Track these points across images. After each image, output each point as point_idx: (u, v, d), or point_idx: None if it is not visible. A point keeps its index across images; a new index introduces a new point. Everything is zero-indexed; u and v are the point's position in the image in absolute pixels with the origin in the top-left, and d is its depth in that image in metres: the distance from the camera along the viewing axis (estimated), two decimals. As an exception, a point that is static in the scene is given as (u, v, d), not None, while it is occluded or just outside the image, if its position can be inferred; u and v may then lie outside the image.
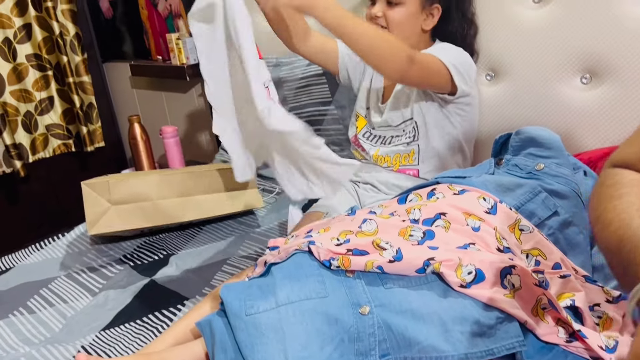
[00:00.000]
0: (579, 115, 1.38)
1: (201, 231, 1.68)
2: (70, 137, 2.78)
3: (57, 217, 2.76)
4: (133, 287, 1.39)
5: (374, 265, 0.95)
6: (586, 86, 1.38)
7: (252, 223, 1.70)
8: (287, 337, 0.86)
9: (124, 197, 1.53)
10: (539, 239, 1.04)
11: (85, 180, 1.55)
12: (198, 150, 2.70)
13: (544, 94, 1.43)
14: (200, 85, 2.50)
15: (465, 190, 1.12)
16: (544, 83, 1.43)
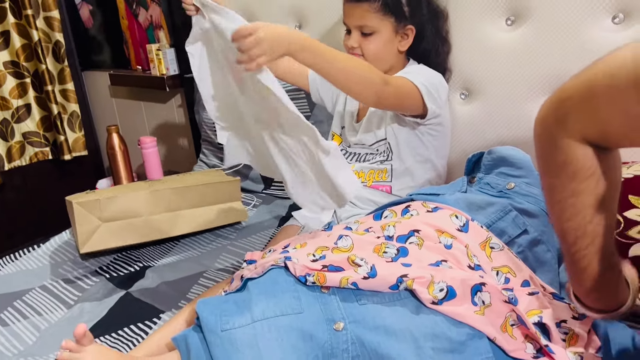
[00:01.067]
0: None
1: (178, 243, 1.68)
2: (47, 145, 2.76)
3: (33, 226, 2.73)
4: (108, 300, 1.38)
5: (349, 281, 0.97)
6: (556, 107, 1.42)
7: (230, 235, 1.71)
8: (262, 353, 0.87)
9: (114, 214, 1.54)
10: (509, 257, 1.07)
11: (66, 192, 1.55)
12: (177, 161, 2.70)
13: (516, 114, 1.47)
14: (180, 96, 2.51)
15: (439, 208, 1.15)
16: (515, 103, 1.47)
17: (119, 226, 1.55)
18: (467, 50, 1.54)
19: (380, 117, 1.49)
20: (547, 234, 1.13)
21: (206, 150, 2.22)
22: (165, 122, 2.65)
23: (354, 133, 1.57)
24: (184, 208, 1.66)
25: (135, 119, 2.79)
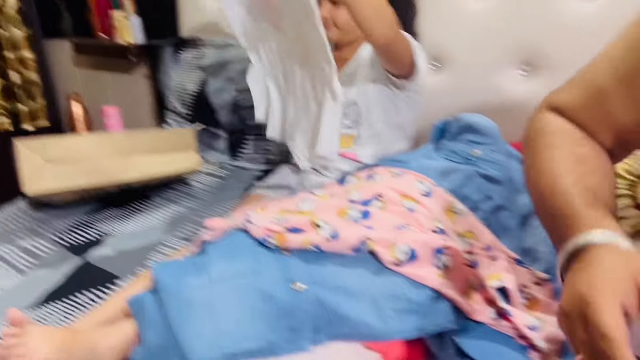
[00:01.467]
0: (517, 105, 1.42)
1: (139, 212, 1.64)
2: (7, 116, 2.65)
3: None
4: (65, 267, 1.34)
5: (311, 243, 0.95)
6: (524, 77, 1.42)
7: (193, 206, 1.67)
8: (219, 313, 0.85)
9: (61, 155, 1.48)
10: (472, 222, 1.06)
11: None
12: (141, 133, 2.63)
13: (484, 84, 1.47)
14: (146, 66, 2.44)
15: (403, 173, 1.13)
16: (485, 73, 1.46)
17: (67, 168, 1.49)
18: (439, 20, 1.52)
19: (351, 76, 1.46)
20: (511, 200, 1.13)
21: (171, 121, 2.17)
22: (130, 94, 2.58)
23: None
24: (135, 154, 1.60)
25: (99, 90, 2.71)
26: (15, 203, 1.71)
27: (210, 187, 1.80)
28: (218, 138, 2.02)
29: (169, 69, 2.11)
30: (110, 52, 2.45)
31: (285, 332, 0.85)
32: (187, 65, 2.04)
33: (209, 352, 0.81)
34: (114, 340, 0.94)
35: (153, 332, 0.87)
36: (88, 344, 0.92)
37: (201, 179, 1.87)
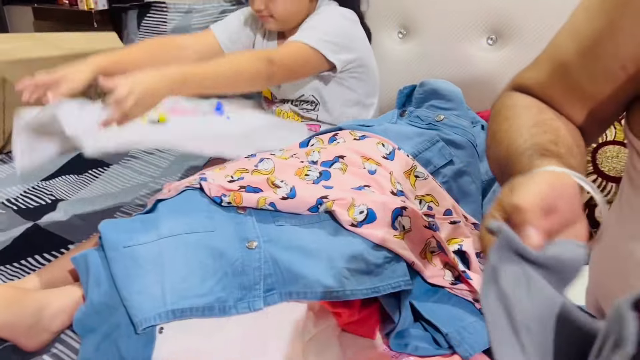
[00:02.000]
0: (484, 74, 1.41)
1: (96, 179, 1.58)
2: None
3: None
4: (14, 230, 1.28)
5: (267, 201, 0.92)
6: (491, 47, 1.41)
7: (153, 174, 1.62)
8: (166, 269, 0.82)
9: None
10: (432, 186, 1.05)
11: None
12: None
13: (452, 53, 1.45)
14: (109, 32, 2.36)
15: (366, 136, 1.11)
16: (452, 42, 1.44)
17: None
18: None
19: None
20: (472, 165, 1.12)
21: (134, 89, 2.10)
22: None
23: (276, 88, 1.49)
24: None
25: (61, 58, 2.62)
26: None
27: (174, 156, 1.74)
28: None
29: (132, 34, 2.04)
30: (72, 18, 2.36)
31: (236, 290, 0.82)
32: (151, 31, 1.97)
33: (154, 308, 0.77)
34: (62, 302, 0.90)
35: (97, 290, 0.83)
36: (36, 304, 0.87)
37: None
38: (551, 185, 0.47)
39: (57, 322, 0.90)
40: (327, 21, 1.32)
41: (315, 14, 1.35)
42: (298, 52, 1.25)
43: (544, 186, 0.47)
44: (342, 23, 1.34)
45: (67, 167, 1.65)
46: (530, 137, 0.60)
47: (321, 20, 1.33)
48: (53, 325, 0.89)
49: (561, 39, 0.67)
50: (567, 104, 0.66)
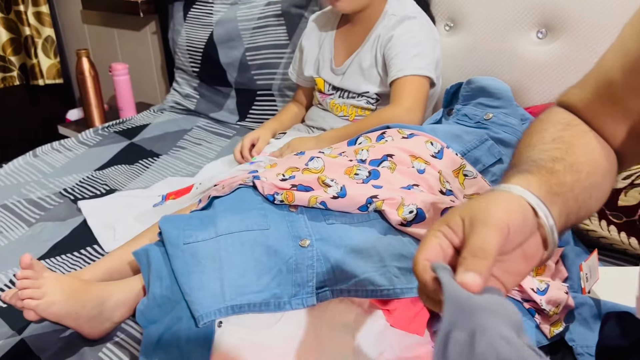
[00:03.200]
0: (533, 69, 1.39)
1: (147, 169, 1.64)
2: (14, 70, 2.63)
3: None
4: (72, 220, 1.35)
5: (318, 200, 0.95)
6: (541, 40, 1.39)
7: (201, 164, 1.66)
8: (224, 265, 0.85)
9: None
10: (482, 185, 1.05)
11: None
12: (149, 90, 2.61)
13: (500, 47, 1.43)
14: (155, 23, 2.40)
15: (414, 135, 1.12)
16: (501, 36, 1.43)
17: None
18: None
19: (362, 74, 1.44)
20: (522, 164, 1.11)
21: (180, 79, 2.15)
22: (139, 50, 2.55)
23: (335, 77, 1.52)
24: None
25: (108, 47, 2.68)
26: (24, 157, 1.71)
27: (220, 147, 1.79)
28: (227, 97, 2.00)
29: (178, 25, 2.07)
30: (119, 8, 2.41)
31: (290, 287, 0.85)
32: (196, 22, 2.01)
33: (213, 304, 0.81)
34: (124, 294, 0.95)
35: (159, 284, 0.87)
36: (99, 295, 0.92)
37: (210, 138, 1.86)
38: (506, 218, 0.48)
39: (119, 313, 0.95)
40: (417, 36, 1.36)
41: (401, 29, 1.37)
42: (418, 87, 1.33)
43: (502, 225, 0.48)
44: (431, 36, 1.40)
45: (119, 157, 1.71)
46: (537, 152, 0.61)
47: (411, 37, 1.36)
48: (114, 316, 0.94)
49: (608, 56, 0.67)
50: (610, 122, 0.65)
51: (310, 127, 1.60)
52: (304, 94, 1.69)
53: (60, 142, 1.82)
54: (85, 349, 0.92)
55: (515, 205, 0.51)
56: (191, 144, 1.81)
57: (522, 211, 0.51)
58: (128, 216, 1.29)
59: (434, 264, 0.47)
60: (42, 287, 0.86)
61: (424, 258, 0.49)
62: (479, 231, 0.47)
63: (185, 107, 2.10)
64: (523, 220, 0.50)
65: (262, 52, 1.84)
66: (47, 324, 0.96)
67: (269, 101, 1.90)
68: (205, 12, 1.99)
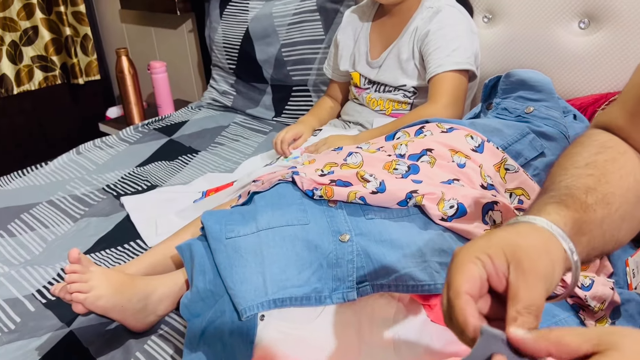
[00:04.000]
0: (574, 60, 1.36)
1: (186, 165, 1.66)
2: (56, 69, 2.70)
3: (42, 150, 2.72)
4: (115, 216, 1.38)
5: (357, 196, 0.95)
6: (584, 31, 1.35)
7: (239, 160, 1.68)
8: (266, 260, 0.86)
9: None
10: (523, 179, 1.04)
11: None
12: (187, 88, 2.65)
13: (540, 38, 1.40)
14: (191, 20, 2.44)
15: (454, 129, 1.11)
16: (541, 26, 1.40)
17: None
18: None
19: (400, 67, 1.44)
20: (565, 157, 1.09)
21: (217, 76, 2.17)
22: (176, 48, 2.59)
23: (371, 70, 1.51)
24: None
25: (146, 46, 2.73)
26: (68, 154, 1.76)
27: (257, 143, 1.80)
28: (263, 93, 2.02)
29: (214, 23, 2.10)
30: (156, 7, 2.45)
31: (331, 281, 0.86)
32: (232, 19, 2.03)
33: (256, 297, 0.82)
34: (167, 288, 0.97)
35: (202, 278, 0.89)
36: (144, 289, 0.94)
37: (247, 134, 1.87)
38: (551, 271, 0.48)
39: (163, 307, 0.97)
40: (455, 30, 1.36)
41: (438, 22, 1.36)
42: (456, 83, 1.33)
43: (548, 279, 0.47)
44: (469, 29, 1.39)
45: (159, 153, 1.75)
46: (569, 177, 0.60)
47: (449, 31, 1.35)
48: (159, 309, 0.97)
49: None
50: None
51: (346, 122, 1.61)
52: (339, 89, 1.69)
53: (101, 139, 1.87)
54: (130, 341, 0.95)
55: (558, 255, 0.50)
56: (229, 140, 1.83)
57: (563, 259, 0.50)
58: (169, 212, 1.32)
59: (483, 329, 0.45)
60: (90, 281, 0.89)
61: (465, 291, 0.48)
62: (532, 285, 0.46)
63: (222, 103, 2.12)
64: (561, 269, 0.50)
65: (297, 47, 1.85)
66: (94, 317, 0.99)
67: (304, 97, 1.91)
68: (241, 9, 2.00)
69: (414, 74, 1.42)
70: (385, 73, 1.46)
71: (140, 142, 1.85)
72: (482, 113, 1.30)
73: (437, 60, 1.33)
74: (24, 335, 0.99)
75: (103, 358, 0.91)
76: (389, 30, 1.47)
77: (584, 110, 1.26)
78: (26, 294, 1.09)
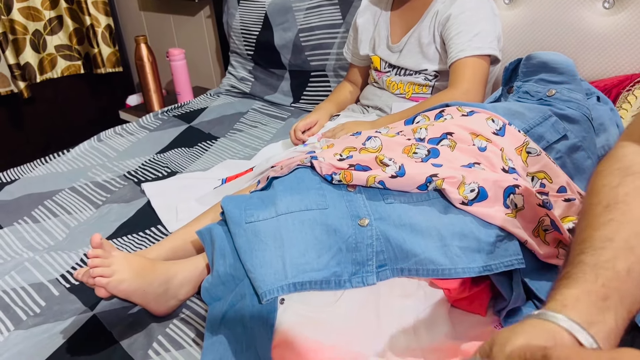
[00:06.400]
0: (598, 41, 1.33)
1: (206, 152, 1.67)
2: (80, 59, 2.72)
3: (64, 138, 2.76)
4: (136, 202, 1.39)
5: (376, 180, 0.94)
6: (608, 11, 1.32)
7: (258, 146, 1.68)
8: (285, 244, 0.86)
9: None
10: (545, 162, 1.02)
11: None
12: (205, 74, 2.66)
13: (563, 19, 1.37)
14: (209, 7, 2.43)
15: (474, 112, 1.09)
16: (564, 7, 1.37)
17: None
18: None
19: (421, 51, 1.43)
20: (588, 140, 1.08)
21: (235, 62, 2.17)
22: (194, 35, 2.60)
23: (391, 55, 1.50)
24: None
25: (164, 33, 2.74)
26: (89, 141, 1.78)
27: (275, 129, 1.80)
28: (281, 79, 2.01)
29: (232, 9, 2.09)
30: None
31: (350, 265, 0.86)
32: (250, 5, 2.02)
33: (276, 281, 0.82)
34: (188, 273, 0.98)
35: (223, 262, 0.89)
36: (165, 274, 0.95)
37: (265, 121, 1.87)
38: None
39: (184, 291, 0.98)
40: (479, 13, 1.34)
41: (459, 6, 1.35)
42: (477, 68, 1.32)
43: None
44: (491, 12, 1.37)
45: (179, 140, 1.75)
46: (588, 226, 0.59)
47: (472, 15, 1.34)
48: (180, 294, 0.98)
49: None
50: None
51: (365, 106, 1.60)
52: (359, 73, 1.68)
53: (122, 126, 1.89)
54: (153, 324, 0.96)
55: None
56: (247, 127, 1.83)
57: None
58: (189, 198, 1.32)
59: None
60: (112, 266, 0.90)
61: None
62: None
63: (241, 90, 2.12)
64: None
65: (315, 32, 1.84)
66: (117, 301, 1.00)
67: (322, 82, 1.90)
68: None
69: (435, 58, 1.40)
70: (406, 58, 1.45)
71: (160, 129, 1.86)
72: (502, 97, 1.28)
73: (458, 45, 1.31)
74: (49, 318, 1.01)
75: (126, 341, 0.93)
76: (410, 14, 1.45)
77: (608, 92, 1.23)
78: (50, 279, 1.11)
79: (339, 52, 1.78)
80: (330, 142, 1.13)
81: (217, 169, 1.51)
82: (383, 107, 1.51)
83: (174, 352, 0.89)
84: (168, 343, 0.91)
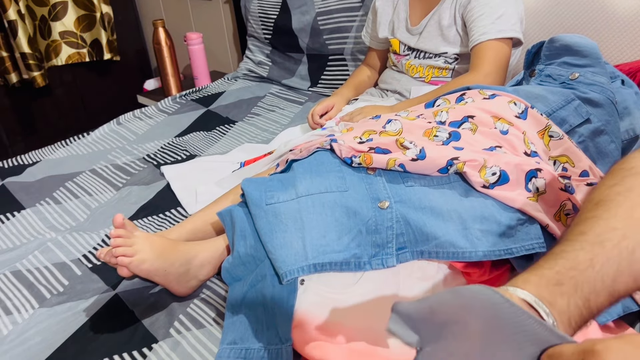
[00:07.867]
0: (623, 23, 1.31)
1: (224, 135, 1.68)
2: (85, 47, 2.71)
3: (83, 122, 2.78)
4: (156, 184, 1.41)
5: (396, 163, 0.94)
6: (633, -7, 1.29)
7: (275, 130, 1.68)
8: (305, 225, 0.87)
9: None
10: (568, 146, 1.01)
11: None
12: (223, 58, 2.66)
13: (587, 0, 1.35)
14: (227, -9, 2.43)
15: (496, 95, 1.08)
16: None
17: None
18: None
19: (441, 34, 1.41)
20: (611, 124, 1.06)
21: (252, 46, 2.17)
22: (212, 19, 2.59)
23: (411, 37, 1.49)
24: None
25: (182, 17, 2.74)
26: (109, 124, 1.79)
27: (293, 113, 1.80)
28: (299, 63, 2.01)
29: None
30: (192, -21, 2.45)
31: (370, 247, 0.86)
32: (268, -10, 2.01)
33: (296, 262, 0.83)
34: (209, 253, 0.99)
35: (243, 242, 0.90)
36: (186, 254, 0.96)
37: (282, 105, 1.87)
38: None
39: (204, 271, 0.99)
40: (506, 2, 1.32)
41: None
42: (499, 51, 1.31)
43: None
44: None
45: (197, 124, 1.76)
46: (573, 222, 0.60)
47: (502, 3, 1.32)
48: (200, 274, 0.99)
49: None
50: None
51: (383, 90, 1.59)
52: (377, 57, 1.67)
53: (141, 110, 1.90)
54: (174, 304, 0.97)
55: None
56: (265, 111, 1.83)
57: None
58: (208, 181, 1.33)
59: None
60: (134, 245, 0.91)
61: None
62: None
63: (258, 74, 2.12)
64: None
65: (333, 16, 1.82)
66: (138, 281, 1.02)
67: (340, 66, 1.89)
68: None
69: (456, 41, 1.39)
70: (426, 40, 1.44)
71: (178, 112, 1.87)
72: (524, 80, 1.27)
73: (480, 27, 1.29)
74: (72, 297, 1.02)
75: (148, 320, 0.94)
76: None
77: (632, 75, 1.21)
78: (73, 259, 1.13)
79: (357, 35, 1.77)
80: (349, 126, 1.13)
81: (236, 153, 1.52)
82: (402, 91, 1.50)
83: (195, 331, 0.91)
84: (189, 322, 0.92)
